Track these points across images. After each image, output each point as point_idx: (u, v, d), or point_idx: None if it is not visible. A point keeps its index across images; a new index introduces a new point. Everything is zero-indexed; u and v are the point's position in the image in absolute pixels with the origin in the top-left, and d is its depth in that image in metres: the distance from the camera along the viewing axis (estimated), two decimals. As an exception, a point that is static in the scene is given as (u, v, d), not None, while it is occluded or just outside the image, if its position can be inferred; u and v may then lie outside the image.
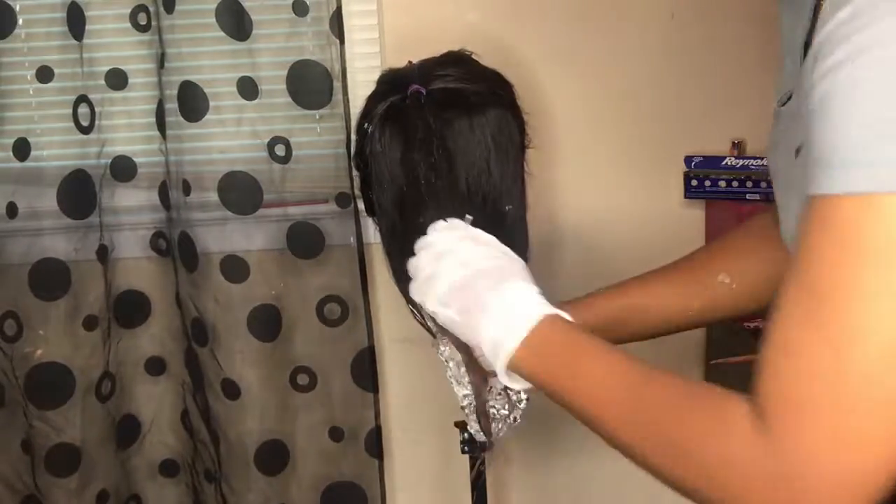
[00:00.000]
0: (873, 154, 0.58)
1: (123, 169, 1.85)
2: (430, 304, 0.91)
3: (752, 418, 0.64)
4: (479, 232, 0.95)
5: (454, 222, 0.96)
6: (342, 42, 1.74)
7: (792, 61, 0.79)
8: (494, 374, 0.95)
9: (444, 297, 0.90)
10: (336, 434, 1.91)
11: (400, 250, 1.04)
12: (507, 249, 0.94)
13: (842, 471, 0.60)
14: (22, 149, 1.78)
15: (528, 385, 0.87)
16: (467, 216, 0.96)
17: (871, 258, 0.58)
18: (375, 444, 1.91)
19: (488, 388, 1.03)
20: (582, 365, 0.80)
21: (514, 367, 0.85)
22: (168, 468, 1.99)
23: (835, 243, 0.60)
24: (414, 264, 0.95)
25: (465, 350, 0.98)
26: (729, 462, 0.65)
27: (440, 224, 0.96)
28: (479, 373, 1.00)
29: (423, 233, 0.98)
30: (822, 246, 0.61)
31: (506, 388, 1.06)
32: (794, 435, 0.61)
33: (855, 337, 0.59)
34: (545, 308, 0.85)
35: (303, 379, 1.88)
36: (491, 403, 1.07)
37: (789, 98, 0.80)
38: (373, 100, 1.05)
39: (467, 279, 0.89)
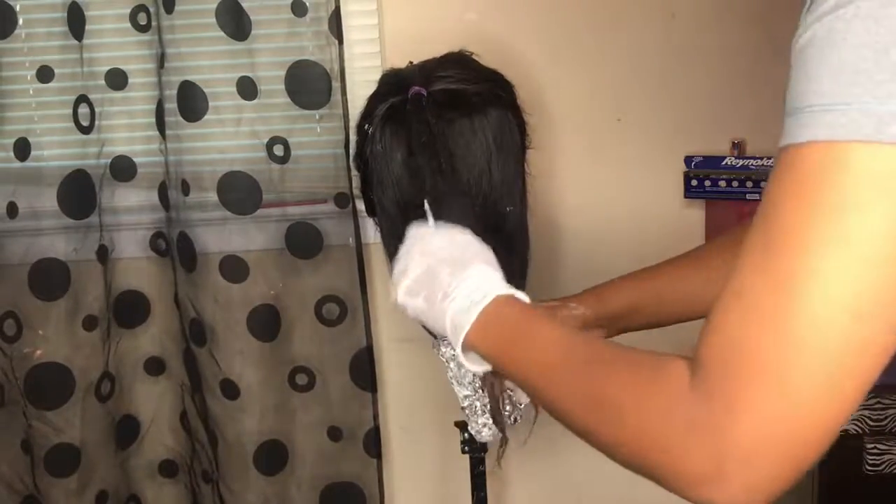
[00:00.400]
0: (840, 102, 0.57)
1: (123, 169, 1.85)
2: (401, 297, 0.93)
3: (689, 368, 0.62)
4: (448, 226, 0.97)
5: (422, 222, 0.98)
6: (341, 42, 1.74)
7: None
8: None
9: (411, 288, 0.92)
10: (335, 434, 1.91)
11: (399, 250, 1.05)
12: (475, 238, 0.95)
13: (773, 424, 0.58)
14: (22, 149, 1.78)
15: (486, 367, 0.89)
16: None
17: (826, 206, 0.57)
18: (374, 444, 1.91)
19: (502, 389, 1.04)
20: (528, 337, 0.82)
21: (470, 346, 0.86)
22: (167, 469, 1.99)
23: (794, 190, 0.59)
24: (394, 264, 0.98)
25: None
26: (660, 415, 0.63)
27: (412, 224, 0.98)
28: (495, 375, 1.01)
29: None
30: (782, 193, 0.59)
31: (505, 390, 1.07)
32: (726, 380, 0.59)
33: (801, 283, 0.57)
34: (500, 288, 0.87)
35: (301, 379, 1.89)
36: (504, 404, 1.08)
37: None
38: (373, 100, 1.05)
39: (431, 268, 0.91)
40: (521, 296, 0.87)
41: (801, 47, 0.62)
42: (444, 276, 0.89)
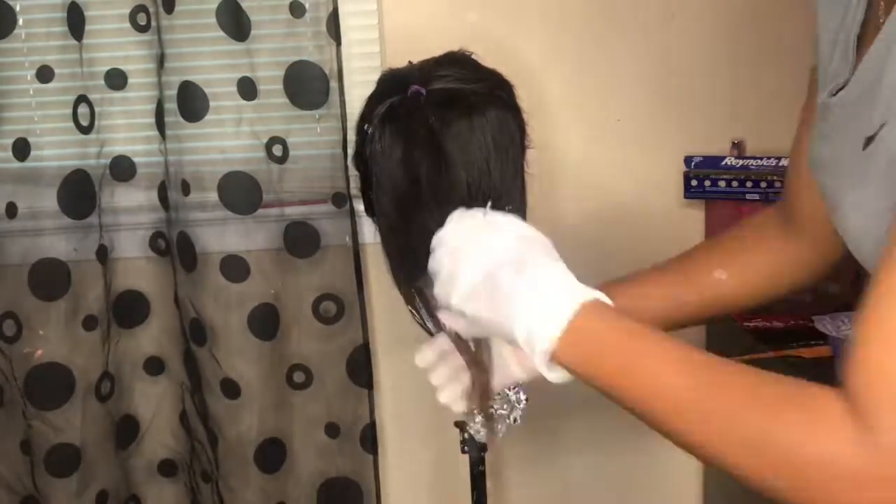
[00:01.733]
0: None
1: (123, 169, 1.85)
2: (456, 303, 0.84)
3: (848, 414, 0.60)
4: (496, 216, 0.89)
5: (467, 212, 0.91)
6: (339, 43, 1.74)
7: (842, 53, 0.78)
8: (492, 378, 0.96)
9: (468, 294, 0.83)
10: (332, 430, 1.91)
11: (399, 250, 1.04)
12: (529, 229, 0.88)
13: None
14: (22, 149, 1.78)
15: (569, 377, 0.80)
16: (488, 205, 0.91)
17: None
18: (371, 441, 1.91)
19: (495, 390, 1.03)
20: (636, 357, 0.74)
21: (555, 360, 0.78)
22: (166, 468, 1.99)
23: None
24: (432, 263, 0.90)
25: (468, 350, 0.98)
26: (829, 463, 0.61)
27: (455, 215, 0.91)
28: (484, 374, 1.00)
29: (425, 233, 0.98)
30: None
31: (504, 389, 1.06)
32: (890, 418, 0.58)
33: None
34: (583, 293, 0.78)
35: (299, 376, 1.89)
36: (490, 404, 1.07)
37: (841, 88, 0.79)
38: (372, 100, 1.04)
39: (489, 272, 0.82)
40: (605, 298, 0.79)
41: None
42: (505, 279, 0.80)
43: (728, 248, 1.07)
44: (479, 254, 0.85)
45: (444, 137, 0.98)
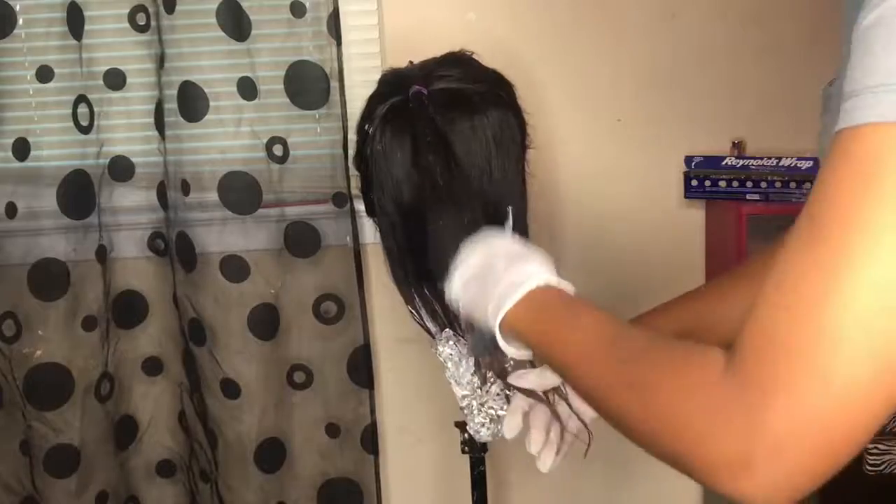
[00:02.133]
0: None
1: (122, 169, 1.85)
2: (456, 285, 0.93)
3: (725, 355, 0.60)
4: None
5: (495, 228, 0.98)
6: (339, 43, 1.74)
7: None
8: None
9: (464, 275, 0.92)
10: (332, 430, 1.91)
11: (400, 250, 1.05)
12: (530, 245, 0.95)
13: (808, 414, 0.54)
14: (21, 149, 1.78)
15: (522, 351, 0.88)
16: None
17: (883, 190, 0.53)
18: (371, 441, 1.91)
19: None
20: (569, 319, 0.80)
21: (508, 327, 0.85)
22: (165, 468, 1.99)
23: (849, 173, 0.55)
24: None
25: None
26: (691, 399, 0.61)
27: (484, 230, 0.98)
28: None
29: (427, 232, 0.98)
30: (836, 177, 0.56)
31: (504, 389, 1.06)
32: (762, 367, 0.56)
33: (848, 268, 0.53)
34: (549, 277, 0.85)
35: (299, 376, 1.89)
36: (490, 404, 1.08)
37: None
38: (373, 101, 1.04)
39: (488, 259, 0.91)
40: (569, 287, 0.86)
41: (866, 28, 0.57)
42: (499, 266, 0.89)
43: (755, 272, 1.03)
44: (485, 248, 0.93)
45: (445, 138, 0.98)
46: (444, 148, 0.98)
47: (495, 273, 0.88)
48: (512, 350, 0.88)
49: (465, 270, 0.92)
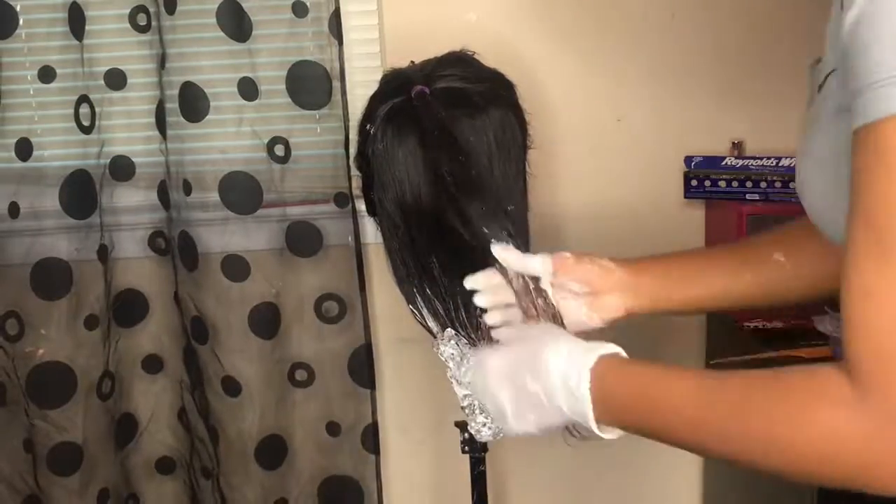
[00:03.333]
0: None
1: (123, 169, 1.85)
2: (519, 432, 0.92)
3: (847, 380, 0.60)
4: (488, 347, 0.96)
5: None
6: (341, 43, 1.74)
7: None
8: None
9: (518, 416, 0.90)
10: (333, 429, 1.92)
11: (401, 249, 1.05)
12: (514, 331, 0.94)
13: None
14: (24, 149, 1.78)
15: (620, 433, 0.85)
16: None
17: None
18: (372, 440, 1.92)
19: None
20: (657, 401, 0.78)
21: (605, 425, 0.83)
22: (164, 466, 1.99)
23: (883, 170, 0.57)
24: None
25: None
26: (835, 433, 0.62)
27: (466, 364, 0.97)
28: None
29: (429, 230, 0.99)
30: (872, 176, 0.57)
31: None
32: (887, 384, 0.58)
33: None
34: (586, 361, 0.81)
35: (301, 375, 1.89)
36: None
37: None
38: (375, 100, 1.05)
39: (514, 384, 0.88)
40: (609, 349, 0.82)
41: (852, 26, 0.59)
42: (534, 388, 0.85)
43: (791, 234, 1.04)
44: (497, 378, 0.90)
45: (447, 137, 0.98)
46: (453, 143, 0.98)
47: (533, 393, 0.84)
48: (615, 435, 0.85)
49: (508, 413, 0.89)
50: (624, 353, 0.83)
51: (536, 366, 0.84)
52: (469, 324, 1.06)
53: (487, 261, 1.00)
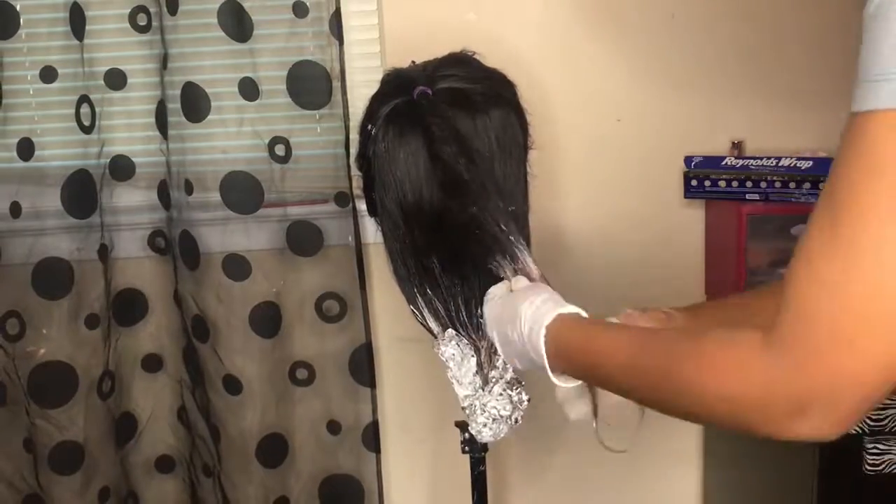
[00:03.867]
0: None
1: (123, 168, 1.85)
2: (505, 355, 1.02)
3: (760, 332, 0.66)
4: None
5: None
6: (341, 43, 1.74)
7: None
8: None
9: (508, 357, 1.00)
10: (334, 428, 1.92)
11: (402, 249, 1.05)
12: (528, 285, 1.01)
13: (841, 370, 0.62)
14: (25, 149, 1.78)
15: (574, 382, 0.93)
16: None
17: (889, 174, 0.59)
18: (373, 439, 1.92)
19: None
20: (597, 345, 0.87)
21: (557, 370, 0.91)
22: (164, 464, 2.00)
23: (857, 158, 0.61)
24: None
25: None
26: (734, 370, 0.68)
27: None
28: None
29: (430, 229, 1.00)
30: (847, 161, 0.62)
31: (506, 389, 1.07)
32: (798, 336, 0.63)
33: (865, 249, 0.60)
34: (553, 311, 0.91)
35: (301, 373, 1.90)
36: (492, 405, 1.08)
37: None
38: (376, 101, 1.05)
39: (501, 334, 1.00)
40: (570, 309, 0.92)
41: (869, 17, 0.62)
42: (513, 336, 0.96)
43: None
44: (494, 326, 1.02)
45: (448, 137, 0.99)
46: (454, 143, 0.99)
47: (514, 342, 0.96)
48: (564, 384, 0.94)
49: (501, 348, 1.01)
50: (584, 314, 0.92)
51: (514, 317, 0.95)
52: (469, 324, 1.07)
53: (487, 260, 1.00)
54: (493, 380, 1.08)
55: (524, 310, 0.94)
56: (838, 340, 0.62)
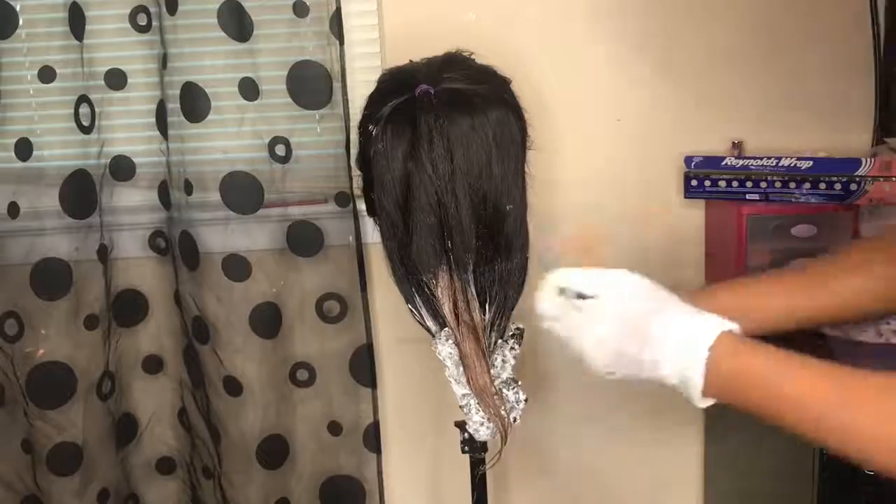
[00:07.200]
0: None
1: (123, 169, 1.85)
2: (600, 368, 0.93)
3: None
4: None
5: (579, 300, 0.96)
6: (342, 42, 1.74)
7: None
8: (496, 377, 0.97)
9: (608, 364, 0.92)
10: (334, 428, 1.92)
11: (400, 249, 1.05)
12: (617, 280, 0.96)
13: None
14: (24, 149, 1.78)
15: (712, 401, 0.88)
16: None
17: None
18: (374, 439, 1.92)
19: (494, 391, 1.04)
20: (777, 385, 0.81)
21: (706, 394, 0.86)
22: (164, 466, 2.00)
23: None
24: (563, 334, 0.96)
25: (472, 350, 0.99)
26: None
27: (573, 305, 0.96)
28: (484, 375, 1.01)
29: (432, 230, 0.99)
30: None
31: (503, 389, 1.07)
32: None
33: None
34: (708, 334, 0.85)
35: (302, 374, 1.90)
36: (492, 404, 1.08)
37: None
38: (376, 101, 1.05)
39: (619, 346, 0.90)
40: (731, 326, 0.86)
41: None
42: (642, 354, 0.89)
43: (852, 259, 1.09)
44: (609, 321, 0.92)
45: (450, 138, 0.98)
46: (453, 143, 0.98)
47: (637, 352, 0.88)
48: (708, 403, 0.88)
49: (602, 354, 0.91)
50: (738, 329, 0.86)
51: (640, 332, 0.88)
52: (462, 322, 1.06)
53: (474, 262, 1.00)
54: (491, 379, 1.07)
55: (665, 327, 0.87)
56: None
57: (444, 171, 0.98)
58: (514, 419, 1.09)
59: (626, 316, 0.92)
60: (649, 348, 0.87)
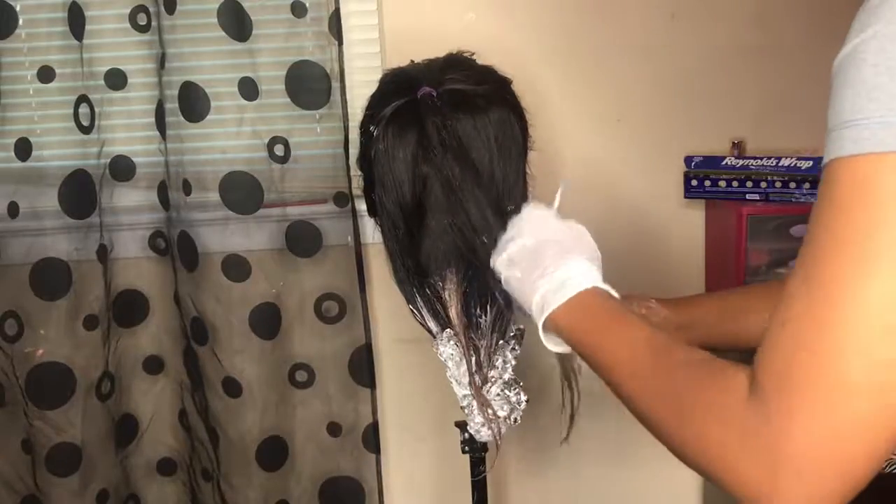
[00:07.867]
0: (860, 117, 0.58)
1: (123, 169, 1.85)
2: (499, 263, 0.96)
3: (748, 385, 0.63)
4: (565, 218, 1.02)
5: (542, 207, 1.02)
6: (340, 43, 1.74)
7: None
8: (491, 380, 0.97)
9: (512, 258, 0.95)
10: (334, 429, 1.92)
11: (401, 249, 1.05)
12: (586, 231, 1.00)
13: (824, 441, 0.59)
14: (23, 149, 1.78)
15: (563, 348, 0.91)
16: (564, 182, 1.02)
17: (856, 224, 0.57)
18: (373, 440, 1.92)
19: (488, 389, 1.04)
20: (614, 328, 0.84)
21: (553, 327, 0.89)
22: (165, 467, 2.00)
23: (826, 211, 0.59)
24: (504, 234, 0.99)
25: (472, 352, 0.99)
26: (720, 423, 0.65)
27: (529, 204, 1.02)
28: (481, 377, 1.01)
29: (433, 231, 0.99)
30: (817, 215, 0.60)
31: (504, 390, 1.07)
32: (780, 401, 0.60)
33: (839, 306, 0.57)
34: (596, 281, 0.89)
35: (301, 375, 1.89)
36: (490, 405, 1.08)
37: None
38: (378, 101, 1.04)
39: (538, 244, 0.94)
40: (612, 291, 0.90)
41: (839, 61, 0.62)
42: (547, 255, 0.92)
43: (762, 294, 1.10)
44: (537, 229, 0.97)
45: (451, 138, 0.98)
46: (455, 144, 0.98)
47: (543, 262, 0.92)
48: (552, 344, 0.91)
49: (514, 250, 0.95)
50: (615, 293, 0.90)
51: (564, 253, 0.92)
52: (469, 323, 1.06)
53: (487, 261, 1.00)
54: (492, 380, 1.07)
55: (575, 260, 0.91)
56: (820, 400, 0.58)
57: (460, 173, 0.98)
58: (515, 420, 1.09)
59: (569, 234, 0.98)
60: (557, 260, 0.91)
